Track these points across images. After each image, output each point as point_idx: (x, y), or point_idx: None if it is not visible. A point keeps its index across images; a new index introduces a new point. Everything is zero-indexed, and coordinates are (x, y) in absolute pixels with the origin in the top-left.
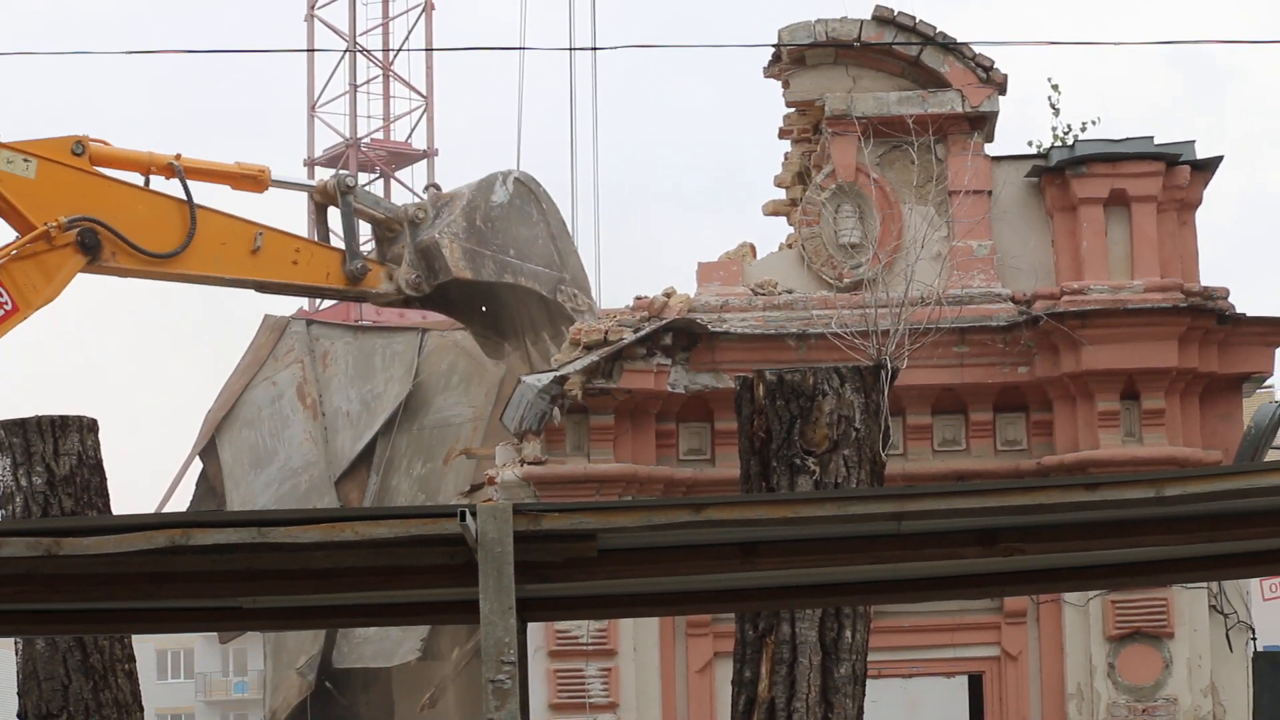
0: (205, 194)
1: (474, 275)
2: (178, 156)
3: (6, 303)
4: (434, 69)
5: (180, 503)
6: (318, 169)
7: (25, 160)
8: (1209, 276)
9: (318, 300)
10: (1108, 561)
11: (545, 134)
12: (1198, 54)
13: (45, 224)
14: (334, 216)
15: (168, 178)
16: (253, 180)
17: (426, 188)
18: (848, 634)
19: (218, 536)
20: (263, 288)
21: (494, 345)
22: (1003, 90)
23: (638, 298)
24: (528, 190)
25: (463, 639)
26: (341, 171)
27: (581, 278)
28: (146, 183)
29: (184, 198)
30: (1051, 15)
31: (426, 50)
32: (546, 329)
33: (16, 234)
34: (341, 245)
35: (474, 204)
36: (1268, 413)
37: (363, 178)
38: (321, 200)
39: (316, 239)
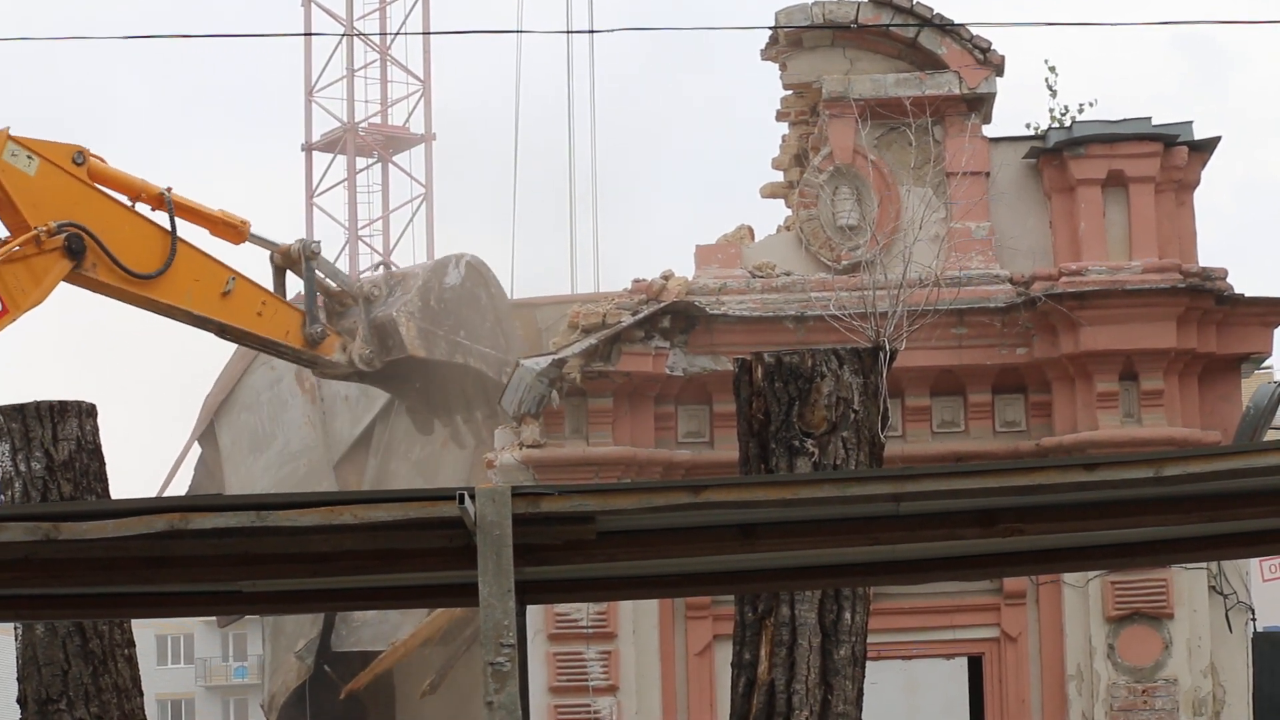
0: (186, 232)
1: (427, 354)
2: (169, 189)
3: None
4: (431, 53)
5: (179, 487)
6: (314, 158)
7: (29, 157)
8: (1208, 258)
9: None
10: (1107, 542)
11: (543, 117)
12: (1200, 39)
13: (36, 228)
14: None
15: (154, 208)
16: (233, 230)
17: (378, 266)
18: (847, 616)
19: (217, 520)
20: (224, 331)
21: (424, 421)
22: (1000, 72)
23: (636, 280)
24: (478, 274)
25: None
26: (307, 238)
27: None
28: (133, 206)
29: (168, 228)
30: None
31: (424, 34)
32: (482, 409)
33: (7, 230)
34: (303, 307)
35: (429, 285)
36: (1266, 393)
37: (361, 161)
38: (282, 263)
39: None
